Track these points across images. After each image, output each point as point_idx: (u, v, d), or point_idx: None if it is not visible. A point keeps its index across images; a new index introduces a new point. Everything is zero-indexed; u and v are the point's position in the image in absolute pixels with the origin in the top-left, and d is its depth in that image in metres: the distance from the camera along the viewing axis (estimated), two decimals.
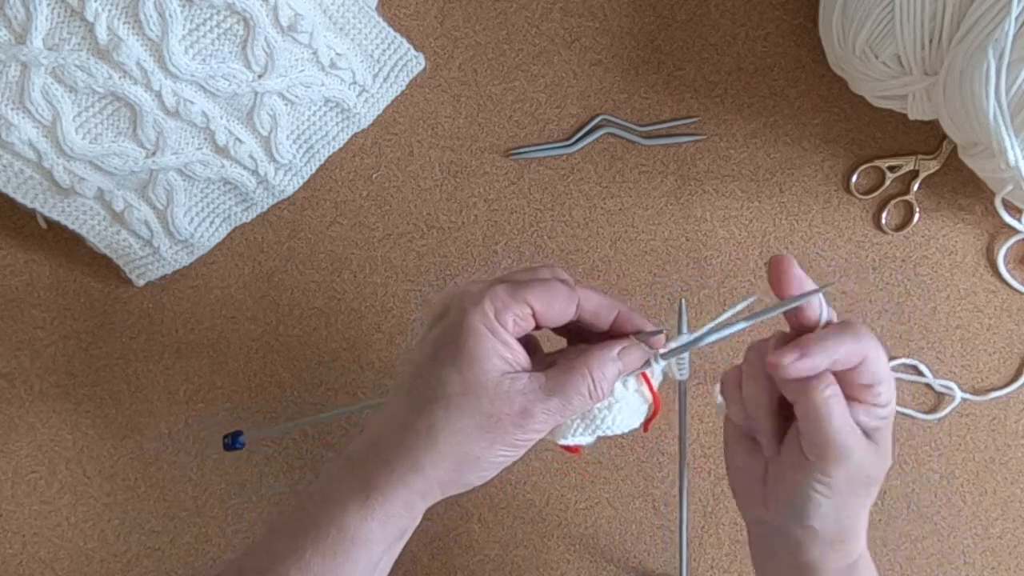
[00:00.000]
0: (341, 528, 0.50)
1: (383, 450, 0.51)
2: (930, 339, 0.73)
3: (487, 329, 0.50)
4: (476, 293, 0.50)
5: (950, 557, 0.74)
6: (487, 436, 0.50)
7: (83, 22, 0.62)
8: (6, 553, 0.72)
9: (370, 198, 0.72)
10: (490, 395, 0.50)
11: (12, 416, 0.72)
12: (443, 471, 0.50)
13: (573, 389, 0.51)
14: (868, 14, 0.63)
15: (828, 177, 0.73)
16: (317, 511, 0.51)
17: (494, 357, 0.50)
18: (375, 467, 0.51)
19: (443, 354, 0.50)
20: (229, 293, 0.72)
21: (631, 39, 0.72)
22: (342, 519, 0.50)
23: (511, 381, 0.50)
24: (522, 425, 0.50)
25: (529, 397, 0.50)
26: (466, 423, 0.50)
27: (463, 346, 0.50)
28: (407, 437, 0.50)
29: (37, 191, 0.66)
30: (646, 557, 0.74)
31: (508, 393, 0.50)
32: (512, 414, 0.50)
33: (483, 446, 0.50)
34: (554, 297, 0.51)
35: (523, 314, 0.50)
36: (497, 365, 0.50)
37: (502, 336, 0.50)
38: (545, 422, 0.51)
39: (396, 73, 0.70)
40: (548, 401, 0.51)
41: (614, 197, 0.73)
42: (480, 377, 0.50)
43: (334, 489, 0.52)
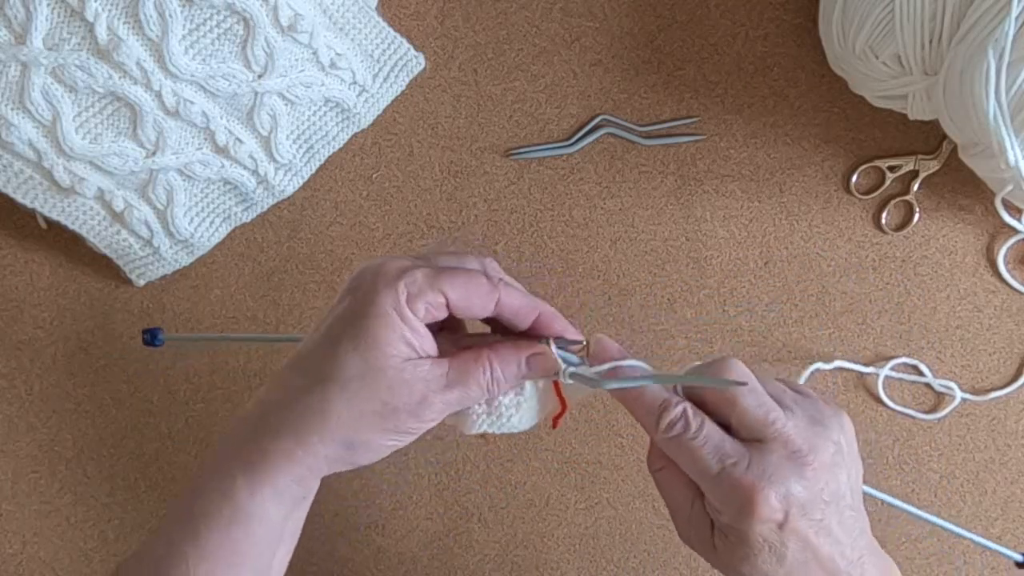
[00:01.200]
0: (233, 504, 0.49)
1: (272, 422, 0.49)
2: (930, 339, 0.73)
3: (396, 313, 0.48)
4: (391, 274, 0.49)
5: (950, 557, 0.74)
6: (380, 423, 0.49)
7: (83, 22, 0.62)
8: (6, 553, 0.72)
9: (370, 198, 0.72)
10: (389, 382, 0.48)
11: (12, 416, 0.72)
12: (331, 449, 0.49)
13: (473, 382, 0.50)
14: (868, 14, 0.63)
15: (828, 177, 0.73)
16: (208, 487, 0.50)
17: (399, 343, 0.48)
18: (263, 439, 0.49)
19: (347, 334, 0.48)
20: (229, 293, 0.72)
21: (631, 39, 0.72)
22: (233, 494, 0.49)
23: (413, 367, 0.48)
24: (417, 414, 0.49)
25: (430, 386, 0.49)
26: (361, 408, 0.48)
27: (368, 328, 0.48)
28: (298, 412, 0.49)
29: (37, 191, 0.66)
30: (646, 557, 0.74)
31: (408, 381, 0.48)
32: (410, 403, 0.49)
33: (375, 431, 0.49)
34: (473, 291, 0.49)
35: (436, 303, 0.49)
36: (401, 351, 0.48)
37: (410, 322, 0.48)
38: (441, 412, 0.50)
39: (396, 73, 0.70)
40: (447, 392, 0.49)
41: (614, 197, 0.73)
42: (381, 363, 0.48)
43: (223, 462, 0.50)
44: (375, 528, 0.73)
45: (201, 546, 0.49)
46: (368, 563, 0.73)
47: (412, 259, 0.51)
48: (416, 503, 0.73)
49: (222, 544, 0.49)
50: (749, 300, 0.73)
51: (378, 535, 0.73)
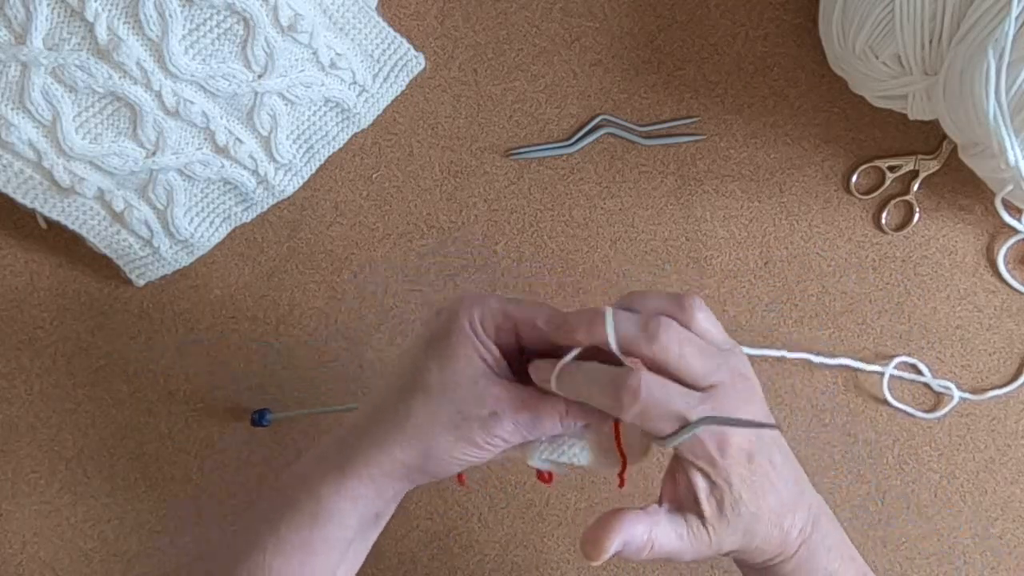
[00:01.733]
0: (316, 501, 0.52)
1: (360, 430, 0.53)
2: (930, 339, 0.73)
3: (471, 329, 0.52)
4: (471, 298, 0.53)
5: (950, 557, 0.74)
6: (454, 432, 0.51)
7: (83, 22, 0.62)
8: (6, 553, 0.72)
9: (370, 198, 0.72)
10: (464, 392, 0.51)
11: (12, 416, 0.72)
12: (408, 456, 0.52)
13: (546, 414, 0.52)
14: (868, 14, 0.63)
15: (828, 177, 0.73)
16: (294, 489, 0.53)
17: (473, 356, 0.52)
18: (350, 447, 0.53)
19: (430, 349, 0.52)
20: (229, 293, 0.72)
21: (631, 39, 0.72)
22: (317, 494, 0.52)
23: (486, 383, 0.51)
24: (488, 429, 0.51)
25: (502, 404, 0.51)
26: (437, 415, 0.51)
27: (447, 342, 0.52)
28: (382, 419, 0.53)
29: (37, 191, 0.66)
30: None
31: (481, 395, 0.51)
32: (481, 416, 0.51)
33: (448, 440, 0.52)
34: (535, 313, 0.52)
35: (505, 326, 0.52)
36: (476, 364, 0.52)
37: (482, 338, 0.52)
38: (512, 433, 0.52)
39: (396, 73, 0.70)
40: (519, 413, 0.52)
41: (614, 197, 0.73)
42: (458, 373, 0.51)
43: (313, 468, 0.54)
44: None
45: (280, 540, 0.52)
46: (368, 563, 0.73)
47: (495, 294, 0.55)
48: (416, 503, 0.73)
49: (300, 540, 0.52)
50: (749, 300, 0.73)
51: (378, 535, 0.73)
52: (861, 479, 0.73)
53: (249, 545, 0.53)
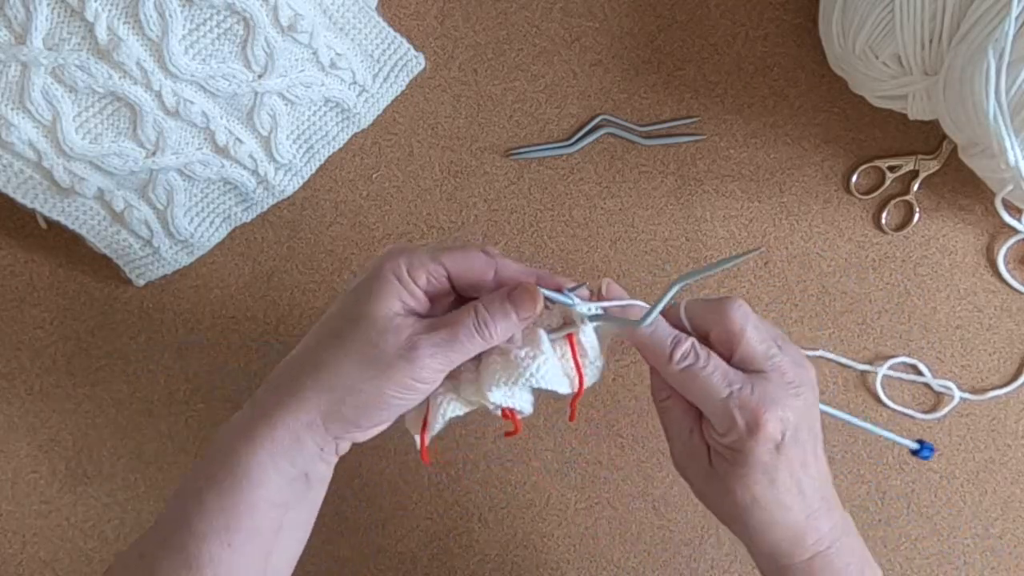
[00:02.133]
0: (235, 463, 0.50)
1: (274, 383, 0.52)
2: (930, 339, 0.73)
3: (395, 276, 0.51)
4: (396, 251, 0.52)
5: (950, 557, 0.74)
6: (371, 369, 0.50)
7: (83, 22, 0.62)
8: (6, 553, 0.72)
9: (370, 198, 0.72)
10: (377, 328, 0.50)
11: (12, 416, 0.72)
12: (324, 401, 0.50)
13: (459, 324, 0.51)
14: (868, 14, 0.63)
15: (828, 177, 0.73)
16: (215, 453, 0.51)
17: (393, 299, 0.51)
18: (266, 401, 0.51)
19: (350, 298, 0.52)
20: (229, 293, 0.72)
21: (631, 39, 0.72)
22: (235, 453, 0.50)
23: (402, 318, 0.51)
24: (409, 359, 0.50)
25: (415, 329, 0.50)
26: (351, 353, 0.50)
27: (368, 288, 0.51)
28: (297, 368, 0.51)
29: (37, 191, 0.66)
30: (646, 557, 0.74)
31: (397, 328, 0.50)
32: (398, 347, 0.50)
33: (368, 378, 0.50)
34: (470, 262, 0.52)
35: (436, 273, 0.52)
36: (393, 306, 0.51)
37: (408, 285, 0.51)
38: (432, 356, 0.50)
39: (396, 73, 0.70)
40: (433, 335, 0.50)
41: (614, 197, 0.73)
42: (372, 311, 0.50)
43: (232, 428, 0.52)
44: (375, 528, 0.73)
45: (202, 508, 0.50)
46: (368, 563, 0.73)
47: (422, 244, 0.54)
48: (416, 503, 0.73)
49: (222, 507, 0.50)
50: (749, 300, 0.73)
51: (378, 535, 0.73)
52: (861, 479, 0.73)
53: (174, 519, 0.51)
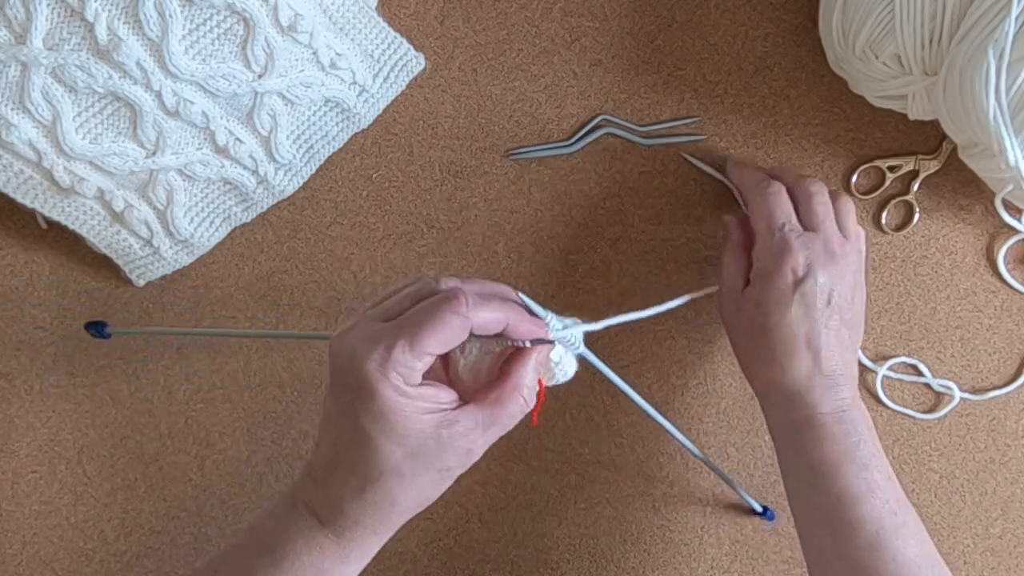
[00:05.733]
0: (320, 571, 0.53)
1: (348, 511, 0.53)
2: (930, 339, 0.73)
3: (403, 397, 0.50)
4: (377, 366, 0.49)
5: (950, 557, 0.74)
6: (440, 482, 0.53)
7: (83, 22, 0.62)
8: (6, 553, 0.72)
9: (370, 198, 0.72)
10: (433, 452, 0.51)
11: (12, 416, 0.72)
12: (408, 513, 0.54)
13: (511, 415, 0.53)
14: (868, 14, 0.63)
15: (828, 177, 0.73)
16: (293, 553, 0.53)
17: (421, 416, 0.51)
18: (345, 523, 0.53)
19: (372, 430, 0.51)
20: (229, 293, 0.72)
21: (631, 39, 0.72)
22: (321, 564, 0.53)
23: (448, 428, 0.51)
24: (468, 460, 0.53)
25: (471, 438, 0.52)
26: (420, 483, 0.52)
27: (391, 421, 0.50)
28: (369, 504, 0.52)
29: (37, 191, 0.66)
30: (646, 557, 0.74)
31: (450, 442, 0.51)
32: (459, 458, 0.52)
33: (434, 490, 0.54)
34: (450, 335, 0.50)
35: (425, 364, 0.51)
36: (427, 421, 0.51)
37: (417, 395, 0.51)
38: (486, 447, 0.53)
39: (396, 73, 0.70)
40: (488, 434, 0.53)
41: (614, 197, 0.73)
42: (419, 441, 0.51)
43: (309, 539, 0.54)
44: None
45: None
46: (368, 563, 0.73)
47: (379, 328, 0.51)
48: None
49: None
50: None
51: None
52: None
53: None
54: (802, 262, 0.62)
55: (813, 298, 0.62)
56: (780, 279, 0.62)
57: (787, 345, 0.62)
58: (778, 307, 0.62)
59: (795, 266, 0.62)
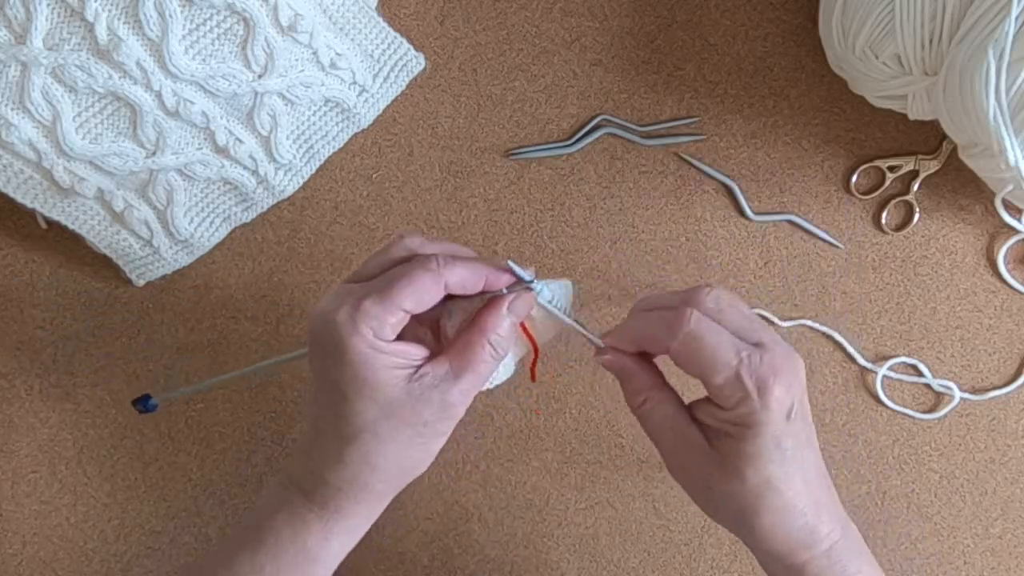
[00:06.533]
0: (302, 547, 0.53)
1: (329, 478, 0.53)
2: (930, 339, 0.73)
3: (373, 350, 0.50)
4: (347, 318, 0.50)
5: (950, 557, 0.74)
6: (420, 440, 0.52)
7: (83, 22, 0.62)
8: (6, 553, 0.72)
9: (370, 198, 0.72)
10: (408, 406, 0.51)
11: (12, 416, 0.72)
12: (391, 479, 0.53)
13: (479, 361, 0.53)
14: (868, 14, 0.63)
15: (828, 177, 0.73)
16: (275, 528, 0.54)
17: (393, 370, 0.51)
18: (327, 492, 0.53)
19: (347, 388, 0.51)
20: (229, 293, 0.72)
21: (631, 39, 0.72)
22: (304, 538, 0.53)
23: (419, 381, 0.51)
24: (448, 415, 0.52)
25: (442, 388, 0.52)
26: (398, 439, 0.52)
27: (361, 376, 0.50)
28: (348, 467, 0.52)
29: (37, 191, 0.66)
30: (646, 557, 0.74)
31: (422, 395, 0.51)
32: (434, 411, 0.52)
33: (419, 448, 0.53)
34: (422, 291, 0.51)
35: (398, 319, 0.51)
36: (398, 375, 0.51)
37: (389, 348, 0.51)
38: (465, 401, 0.53)
39: (396, 73, 0.70)
40: (460, 382, 0.52)
41: (614, 197, 0.73)
42: (390, 395, 0.51)
43: (291, 513, 0.54)
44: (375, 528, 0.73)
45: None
46: (368, 563, 0.73)
47: (352, 287, 0.52)
48: (416, 503, 0.73)
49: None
50: (749, 300, 0.73)
51: (378, 535, 0.73)
52: (861, 479, 0.73)
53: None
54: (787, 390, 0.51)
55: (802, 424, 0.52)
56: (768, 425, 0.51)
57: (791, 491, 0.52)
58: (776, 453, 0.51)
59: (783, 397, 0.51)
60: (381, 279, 0.52)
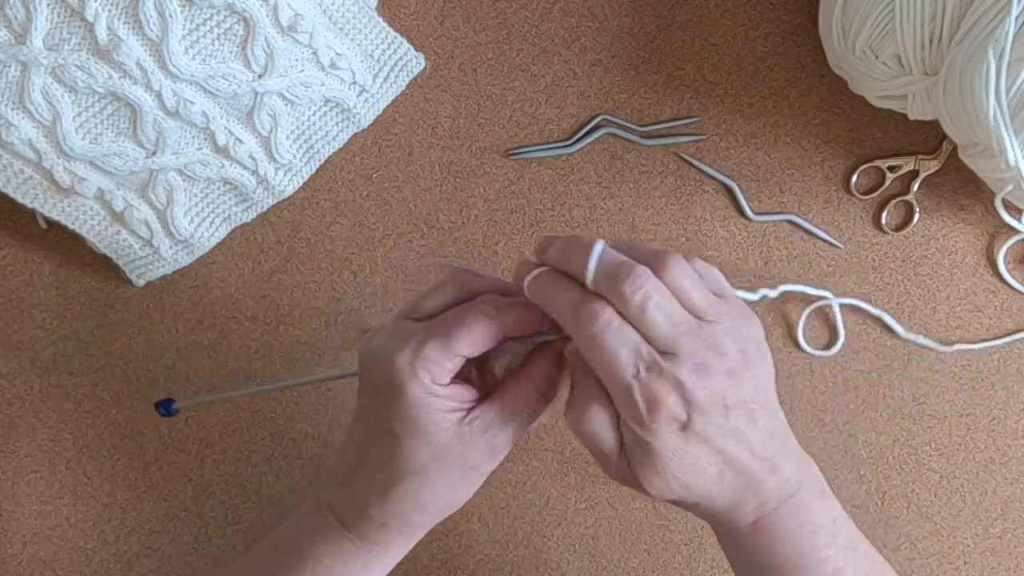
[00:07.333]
0: None
1: (374, 514, 0.53)
2: (930, 339, 0.73)
3: (429, 395, 0.50)
4: (407, 362, 0.50)
5: (950, 557, 0.74)
6: (466, 482, 0.53)
7: (83, 22, 0.62)
8: (6, 553, 0.72)
9: (370, 198, 0.72)
10: (456, 449, 0.51)
11: (12, 416, 0.72)
12: (434, 515, 0.54)
13: (528, 411, 0.53)
14: (868, 14, 0.63)
15: (828, 177, 0.73)
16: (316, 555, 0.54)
17: (446, 414, 0.51)
18: (368, 526, 0.54)
19: (399, 428, 0.51)
20: (229, 293, 0.72)
21: (631, 39, 0.72)
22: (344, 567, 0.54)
23: (469, 426, 0.52)
24: (493, 459, 0.53)
25: (491, 433, 0.52)
26: (445, 483, 0.52)
27: (414, 417, 0.51)
28: (394, 504, 0.53)
29: (37, 191, 0.66)
30: (646, 557, 0.74)
31: (471, 438, 0.52)
32: (482, 455, 0.52)
33: (464, 488, 0.53)
34: (480, 335, 0.51)
35: (455, 365, 0.51)
36: (451, 419, 0.51)
37: (443, 393, 0.51)
38: (510, 444, 0.53)
39: (396, 73, 0.70)
40: (508, 429, 0.53)
41: (614, 197, 0.73)
42: (442, 438, 0.51)
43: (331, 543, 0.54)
44: None
45: None
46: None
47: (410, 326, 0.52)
48: None
49: None
50: None
51: None
52: (861, 479, 0.73)
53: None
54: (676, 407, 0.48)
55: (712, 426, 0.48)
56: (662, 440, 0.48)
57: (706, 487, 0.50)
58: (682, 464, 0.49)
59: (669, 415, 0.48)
60: (441, 322, 0.51)
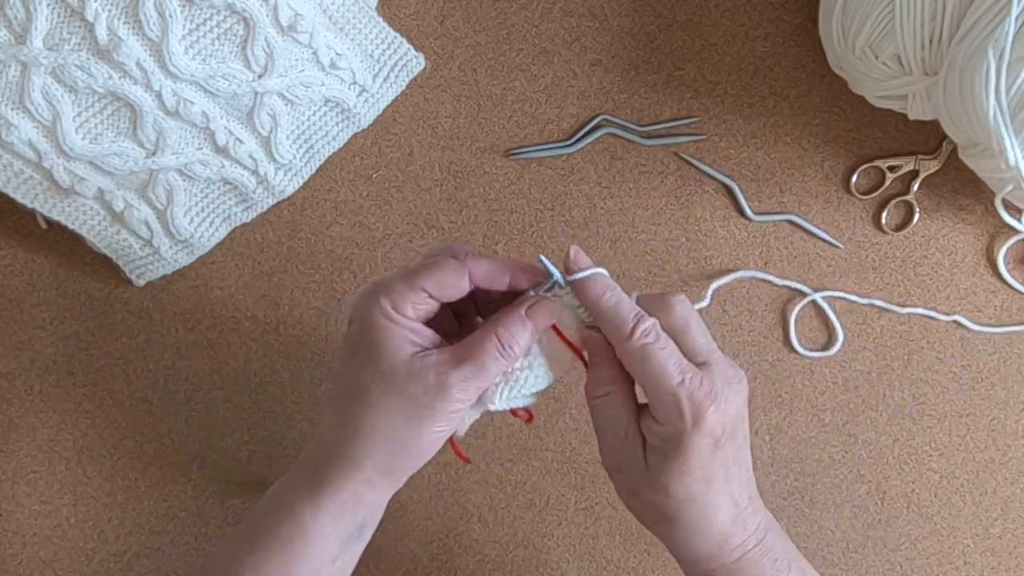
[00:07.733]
0: (294, 523, 0.53)
1: (325, 449, 0.54)
2: (930, 339, 0.73)
3: (387, 319, 0.52)
4: (373, 292, 0.53)
5: (950, 557, 0.74)
6: (412, 419, 0.52)
7: (83, 22, 0.62)
8: (6, 553, 0.72)
9: (370, 198, 0.72)
10: (404, 377, 0.52)
11: (12, 416, 0.72)
12: (379, 459, 0.53)
13: (483, 352, 0.53)
14: (868, 14, 0.63)
15: (828, 177, 0.73)
16: (270, 516, 0.54)
17: (401, 342, 0.52)
18: (321, 465, 0.54)
19: (358, 353, 0.53)
20: (229, 293, 0.72)
21: (631, 39, 0.72)
22: (294, 514, 0.53)
23: (421, 359, 0.52)
24: (442, 397, 0.52)
25: (441, 368, 0.52)
26: (389, 409, 0.52)
27: (371, 340, 0.52)
28: (341, 433, 0.53)
29: (37, 191, 0.66)
30: (646, 557, 0.74)
31: (421, 370, 0.52)
32: (429, 389, 0.52)
33: (410, 428, 0.52)
34: (444, 275, 0.53)
35: (419, 299, 0.53)
36: (404, 348, 0.52)
37: (403, 322, 0.52)
38: (464, 390, 0.52)
39: (396, 73, 0.70)
40: (461, 368, 0.52)
41: (614, 197, 0.73)
42: (391, 362, 0.52)
43: (286, 490, 0.55)
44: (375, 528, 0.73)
45: (259, 564, 0.53)
46: (368, 563, 0.73)
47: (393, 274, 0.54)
48: (416, 503, 0.73)
49: (280, 560, 0.53)
50: (749, 300, 0.73)
51: (378, 535, 0.73)
52: (861, 479, 0.73)
53: (228, 570, 0.53)
54: (719, 417, 0.52)
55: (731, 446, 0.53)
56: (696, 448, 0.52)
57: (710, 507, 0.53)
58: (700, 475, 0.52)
59: (714, 425, 0.52)
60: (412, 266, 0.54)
